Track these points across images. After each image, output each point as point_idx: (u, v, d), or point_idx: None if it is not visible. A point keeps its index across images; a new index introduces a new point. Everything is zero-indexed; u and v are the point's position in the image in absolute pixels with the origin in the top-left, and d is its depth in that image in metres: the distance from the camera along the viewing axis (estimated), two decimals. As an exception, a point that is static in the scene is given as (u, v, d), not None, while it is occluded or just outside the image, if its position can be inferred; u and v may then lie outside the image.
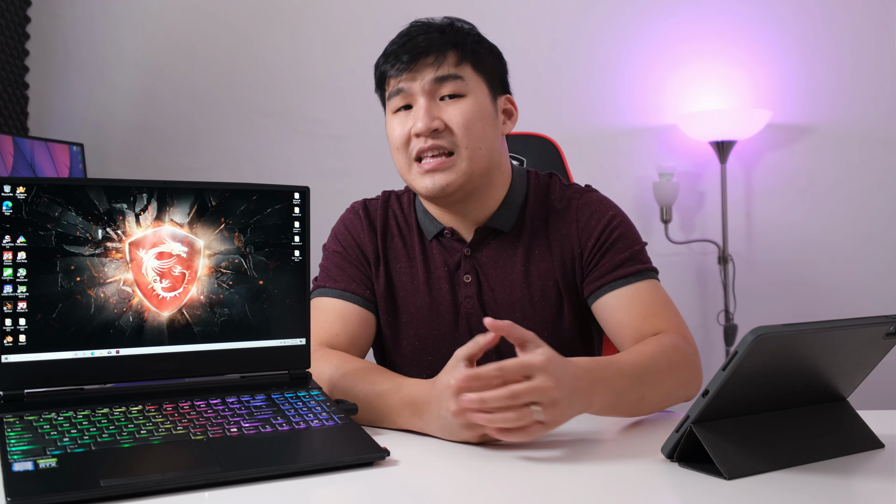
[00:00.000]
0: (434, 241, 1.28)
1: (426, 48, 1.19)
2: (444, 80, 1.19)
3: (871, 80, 2.83)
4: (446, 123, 1.18)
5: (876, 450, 0.91)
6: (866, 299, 2.81)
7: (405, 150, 1.21)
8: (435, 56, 1.19)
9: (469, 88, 1.20)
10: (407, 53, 1.20)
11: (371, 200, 1.35)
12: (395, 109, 1.22)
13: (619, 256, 1.22)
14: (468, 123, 1.18)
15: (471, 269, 1.26)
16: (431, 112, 1.18)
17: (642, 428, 1.03)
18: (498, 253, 1.26)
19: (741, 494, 0.76)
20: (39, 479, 0.74)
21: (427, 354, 1.26)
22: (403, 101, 1.21)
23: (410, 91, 1.20)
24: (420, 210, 1.30)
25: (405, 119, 1.21)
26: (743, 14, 2.90)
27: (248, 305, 1.00)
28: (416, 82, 1.19)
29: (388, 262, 1.29)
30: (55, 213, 0.90)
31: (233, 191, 0.99)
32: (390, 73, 1.22)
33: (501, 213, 1.26)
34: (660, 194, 2.84)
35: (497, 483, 0.83)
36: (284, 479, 0.81)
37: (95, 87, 3.18)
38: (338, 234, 1.32)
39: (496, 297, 1.25)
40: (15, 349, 0.88)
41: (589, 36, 2.98)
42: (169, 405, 0.91)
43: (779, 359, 0.81)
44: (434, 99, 1.20)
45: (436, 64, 1.19)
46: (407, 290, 1.27)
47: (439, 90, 1.19)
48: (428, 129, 1.17)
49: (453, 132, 1.18)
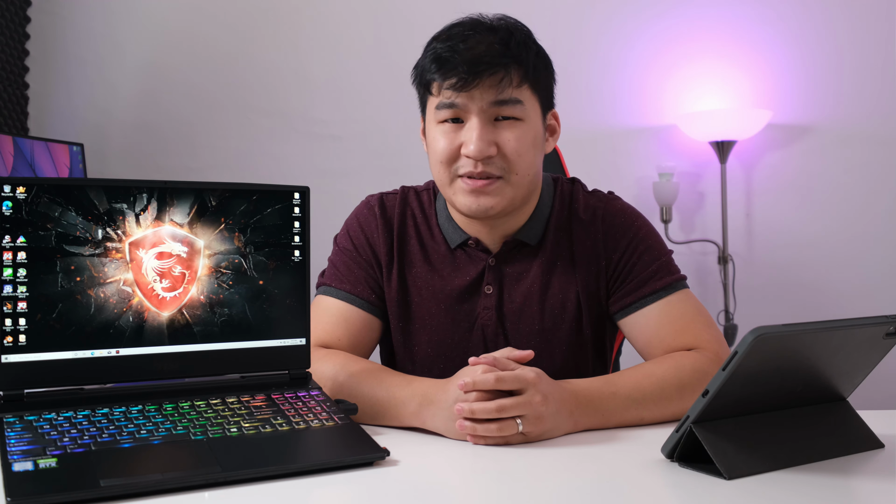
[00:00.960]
0: (457, 250, 1.24)
1: (489, 64, 1.09)
2: (505, 104, 1.11)
3: (871, 80, 2.83)
4: (500, 147, 1.12)
5: (876, 450, 0.91)
6: (866, 299, 2.81)
7: (449, 165, 1.14)
8: (496, 75, 1.10)
9: (526, 113, 1.13)
10: (466, 65, 1.09)
11: (388, 195, 1.29)
12: (443, 120, 1.14)
13: (646, 270, 1.19)
14: (521, 151, 1.12)
15: (493, 280, 1.22)
16: (486, 136, 1.11)
17: (642, 428, 1.03)
18: (521, 265, 1.22)
19: (741, 494, 0.76)
20: (39, 479, 0.75)
21: (439, 361, 1.23)
22: (455, 114, 1.13)
23: (465, 108, 1.11)
24: (443, 216, 1.25)
25: (453, 133, 1.13)
26: (743, 14, 2.90)
27: (248, 305, 1.00)
28: (474, 102, 1.11)
29: (403, 265, 1.24)
30: (55, 213, 0.90)
31: (233, 191, 0.99)
32: (444, 84, 1.11)
33: (530, 227, 1.22)
34: (660, 194, 2.84)
35: (497, 483, 0.83)
36: (284, 479, 0.81)
37: (95, 87, 3.18)
38: (350, 230, 1.27)
39: (515, 308, 1.22)
40: (15, 349, 0.88)
41: (589, 36, 2.98)
42: (169, 405, 0.91)
43: (779, 359, 0.81)
44: (490, 121, 1.12)
45: (498, 86, 1.10)
46: (422, 296, 1.23)
47: (497, 112, 1.12)
48: (482, 154, 1.10)
49: (506, 157, 1.12)
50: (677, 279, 1.20)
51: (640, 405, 1.03)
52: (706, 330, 1.15)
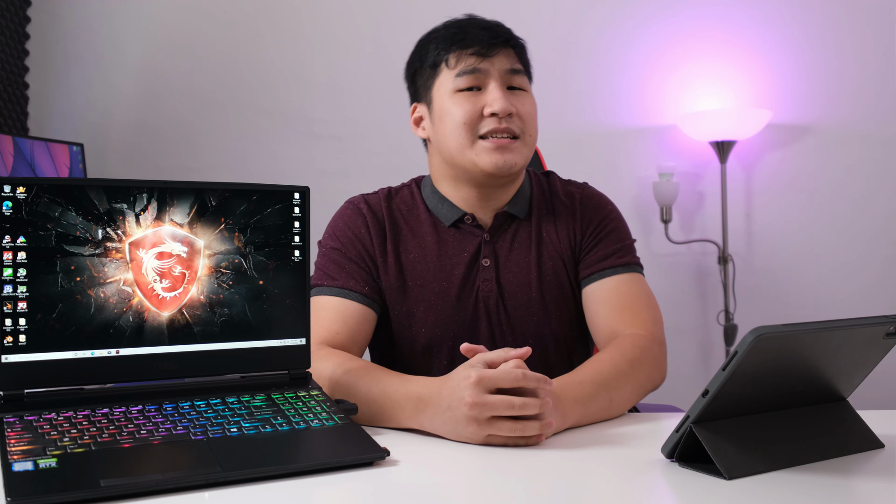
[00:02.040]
0: (451, 229, 1.31)
1: (505, 36, 1.26)
2: (515, 73, 1.26)
3: (871, 80, 2.83)
4: (518, 110, 1.24)
5: (876, 450, 0.91)
6: (866, 299, 2.81)
7: (471, 127, 1.24)
8: (509, 48, 1.26)
9: (529, 87, 1.30)
10: (485, 36, 1.24)
11: (370, 195, 1.35)
12: (461, 88, 1.25)
13: (610, 247, 1.30)
14: (532, 115, 1.27)
15: (489, 253, 1.30)
16: (508, 96, 1.24)
17: (642, 428, 1.03)
18: (513, 237, 1.31)
19: (741, 494, 0.76)
20: (39, 479, 0.75)
21: (447, 340, 1.28)
22: (475, 81, 1.24)
23: (486, 72, 1.24)
24: (434, 198, 1.33)
25: (474, 98, 1.24)
26: (743, 14, 2.90)
27: (248, 305, 1.00)
28: (494, 66, 1.24)
29: (399, 253, 1.29)
30: (55, 213, 0.90)
31: (233, 191, 0.99)
32: (467, 52, 1.24)
33: (517, 201, 1.32)
34: (660, 194, 2.84)
35: (497, 483, 0.83)
36: (284, 479, 0.81)
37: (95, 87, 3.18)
38: (336, 230, 1.31)
39: (511, 278, 1.29)
40: (15, 349, 0.88)
41: (589, 36, 2.98)
42: (169, 405, 0.91)
43: (779, 359, 0.81)
44: (505, 88, 1.25)
45: (509, 57, 1.26)
46: (422, 279, 1.28)
47: (511, 80, 1.26)
48: (507, 110, 1.22)
49: (522, 118, 1.25)
50: (635, 262, 1.31)
51: (608, 387, 1.07)
52: (647, 311, 1.25)
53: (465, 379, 0.93)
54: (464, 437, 0.94)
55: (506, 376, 0.92)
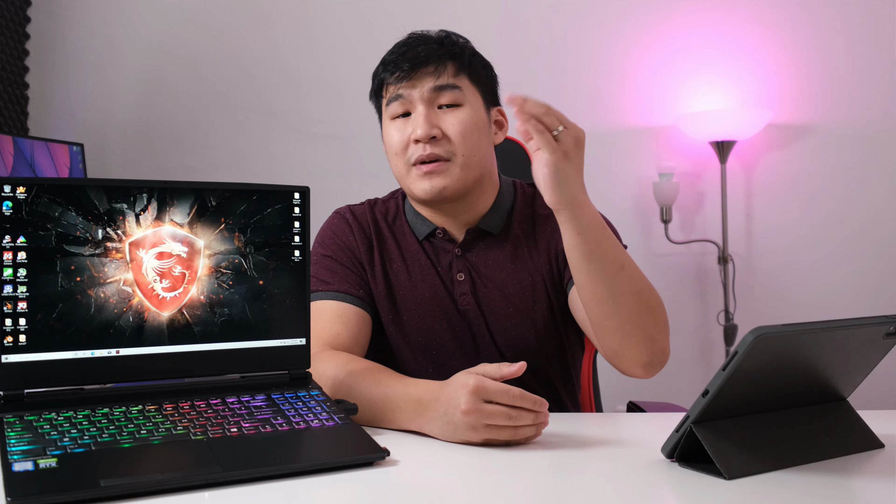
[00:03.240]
0: (426, 242, 1.31)
1: (426, 58, 1.24)
2: (443, 90, 1.23)
3: (870, 80, 2.83)
4: (444, 132, 1.23)
5: (876, 450, 0.91)
6: (866, 299, 2.81)
7: (403, 155, 1.25)
8: (434, 66, 1.24)
9: (466, 98, 1.25)
10: (407, 62, 1.24)
11: (355, 206, 1.37)
12: (394, 116, 1.26)
13: None
14: (465, 132, 1.23)
15: (463, 267, 1.29)
16: (430, 119, 1.22)
17: (642, 428, 1.03)
18: (487, 253, 1.30)
19: (741, 494, 0.76)
20: (39, 479, 0.75)
21: (432, 348, 1.29)
22: (402, 107, 1.25)
23: (410, 98, 1.24)
24: (410, 213, 1.34)
25: (403, 125, 1.25)
26: (743, 15, 2.90)
27: (248, 305, 1.00)
28: (416, 90, 1.23)
29: (384, 262, 1.31)
30: (55, 213, 0.90)
31: (233, 191, 0.99)
32: (389, 80, 1.26)
33: (491, 217, 1.31)
34: (660, 194, 2.84)
35: (497, 483, 0.83)
36: (284, 479, 0.81)
37: (95, 88, 3.18)
38: (325, 239, 1.33)
39: (490, 293, 1.28)
40: (15, 349, 0.88)
41: (589, 37, 2.98)
42: (169, 405, 0.91)
43: (779, 359, 0.81)
44: (432, 107, 1.24)
45: (435, 73, 1.23)
46: (406, 289, 1.29)
47: (438, 99, 1.24)
48: (427, 135, 1.21)
49: (451, 140, 1.23)
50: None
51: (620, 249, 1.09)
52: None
53: (462, 386, 0.93)
54: (461, 440, 0.94)
55: (504, 393, 0.92)
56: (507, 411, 0.92)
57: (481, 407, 0.92)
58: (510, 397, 0.92)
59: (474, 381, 0.92)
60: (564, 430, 1.01)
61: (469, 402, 0.92)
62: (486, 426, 0.92)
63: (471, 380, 0.93)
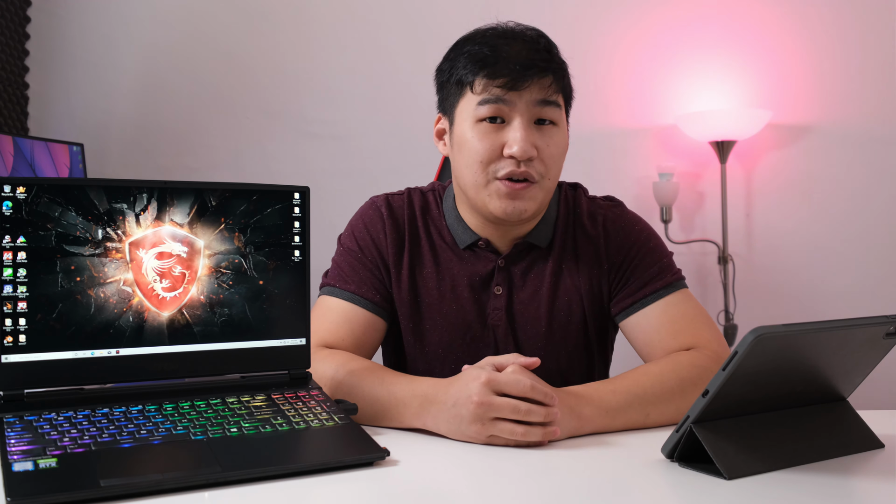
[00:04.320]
0: (466, 251, 1.24)
1: (540, 67, 1.13)
2: (547, 105, 1.14)
3: (871, 80, 2.83)
4: (539, 151, 1.14)
5: (876, 450, 0.91)
6: (866, 299, 2.81)
7: (487, 165, 1.14)
8: (545, 78, 1.14)
9: (561, 118, 1.18)
10: (519, 65, 1.12)
11: (394, 196, 1.29)
12: (482, 118, 1.14)
13: (647, 272, 1.21)
14: (557, 157, 1.16)
15: (503, 280, 1.23)
16: (530, 137, 1.12)
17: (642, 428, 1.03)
18: (530, 267, 1.24)
19: (741, 494, 0.76)
20: (39, 479, 0.75)
21: (450, 362, 1.24)
22: (499, 112, 1.13)
23: (512, 104, 1.13)
24: (451, 216, 1.26)
25: (495, 133, 1.13)
26: (743, 14, 2.90)
27: (248, 305, 1.00)
28: (522, 100, 1.13)
29: (413, 267, 1.24)
30: (55, 213, 0.90)
31: (233, 191, 0.99)
32: (495, 82, 1.12)
33: (540, 229, 1.24)
34: (660, 194, 2.84)
35: (497, 483, 0.83)
36: (284, 479, 0.81)
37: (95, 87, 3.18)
38: (355, 230, 1.27)
39: (524, 310, 1.23)
40: (15, 349, 0.88)
41: (588, 36, 2.98)
42: (169, 405, 0.91)
43: (779, 359, 0.81)
44: (532, 122, 1.14)
45: (541, 84, 1.13)
46: (433, 297, 1.23)
47: (540, 113, 1.14)
48: (526, 155, 1.12)
49: (544, 161, 1.14)
50: (677, 279, 1.22)
51: (642, 401, 1.03)
52: (706, 329, 1.17)
53: (474, 379, 0.94)
54: (467, 435, 0.94)
55: (515, 384, 0.92)
56: (515, 404, 0.91)
57: (492, 399, 0.92)
58: (520, 388, 0.92)
59: (486, 374, 0.93)
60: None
61: (481, 393, 0.92)
62: (494, 420, 0.92)
63: (482, 373, 0.94)
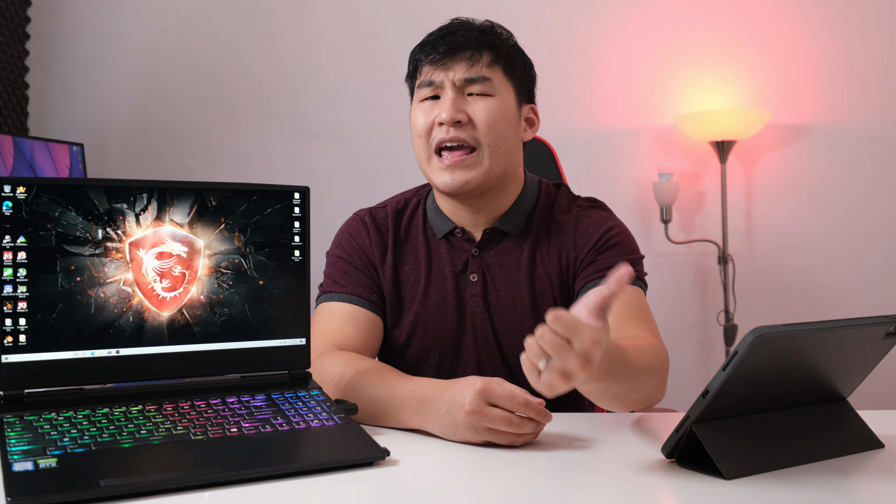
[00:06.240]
0: (442, 241, 1.29)
1: (463, 44, 1.22)
2: (474, 82, 1.21)
3: (871, 80, 2.83)
4: (470, 117, 1.20)
5: (876, 450, 0.91)
6: (866, 299, 2.81)
7: (426, 138, 1.22)
8: (470, 53, 1.22)
9: (496, 90, 1.22)
10: (444, 46, 1.22)
11: (376, 208, 1.35)
12: (423, 99, 1.24)
13: (613, 260, 1.21)
14: (492, 121, 1.20)
15: (477, 268, 1.27)
16: (457, 104, 1.20)
17: (642, 428, 1.03)
18: (503, 254, 1.27)
19: (741, 494, 0.76)
20: (39, 479, 0.75)
21: (434, 352, 1.28)
22: (432, 91, 1.23)
23: (440, 82, 1.22)
24: (432, 209, 1.31)
25: (430, 108, 1.23)
26: (743, 14, 2.90)
27: (248, 305, 1.00)
28: (448, 75, 1.21)
29: (396, 265, 1.29)
30: (55, 213, 0.90)
31: (233, 191, 0.99)
32: (424, 62, 1.24)
33: (510, 217, 1.27)
34: (660, 194, 2.84)
35: (497, 483, 0.83)
36: (284, 479, 0.81)
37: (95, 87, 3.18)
38: (341, 241, 1.32)
39: (500, 296, 1.26)
40: (15, 349, 0.88)
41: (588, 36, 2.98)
42: (169, 405, 0.91)
43: (779, 359, 0.81)
44: (462, 93, 1.22)
45: (470, 61, 1.21)
46: (414, 290, 1.28)
47: (468, 87, 1.22)
48: (452, 119, 1.19)
49: (476, 127, 1.20)
50: (641, 279, 1.24)
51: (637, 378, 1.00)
52: (652, 328, 1.18)
53: (469, 386, 0.94)
54: (462, 438, 0.95)
55: (510, 399, 0.92)
56: (508, 417, 0.92)
57: (484, 409, 0.92)
58: (514, 404, 0.92)
59: (481, 383, 0.94)
60: (564, 430, 1.01)
61: (473, 402, 0.92)
62: (487, 429, 0.92)
63: (478, 382, 0.94)
